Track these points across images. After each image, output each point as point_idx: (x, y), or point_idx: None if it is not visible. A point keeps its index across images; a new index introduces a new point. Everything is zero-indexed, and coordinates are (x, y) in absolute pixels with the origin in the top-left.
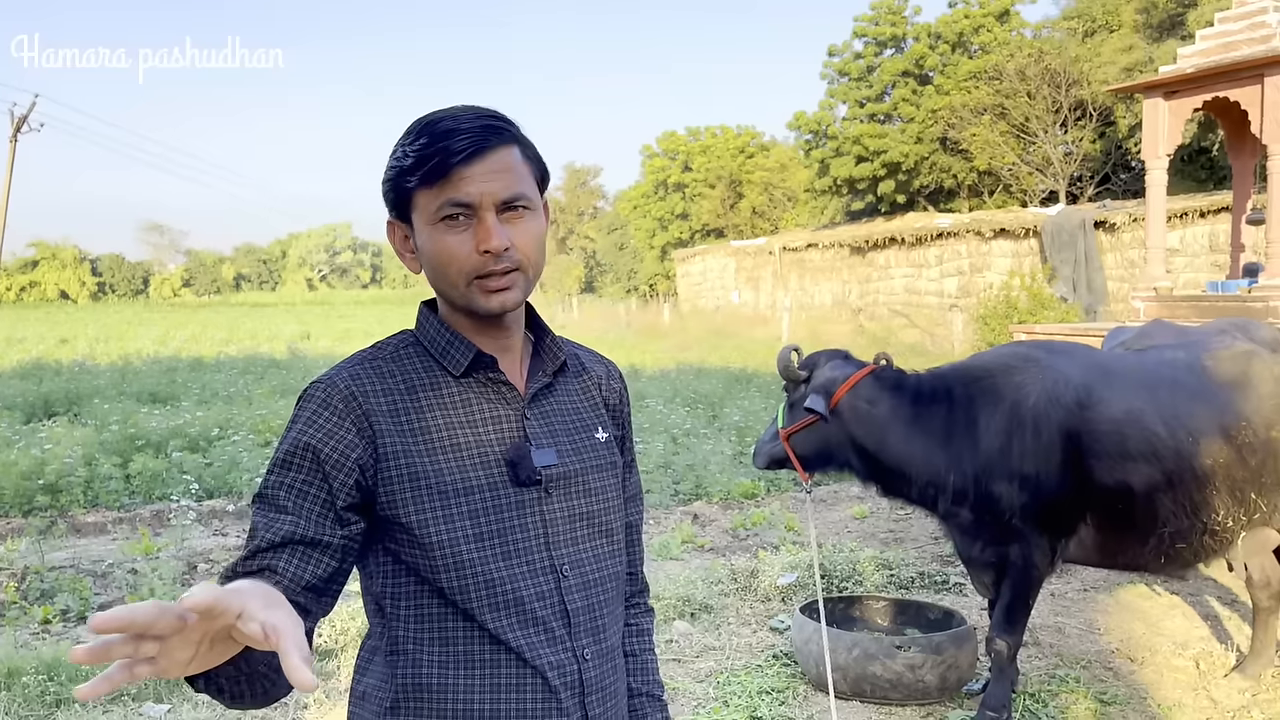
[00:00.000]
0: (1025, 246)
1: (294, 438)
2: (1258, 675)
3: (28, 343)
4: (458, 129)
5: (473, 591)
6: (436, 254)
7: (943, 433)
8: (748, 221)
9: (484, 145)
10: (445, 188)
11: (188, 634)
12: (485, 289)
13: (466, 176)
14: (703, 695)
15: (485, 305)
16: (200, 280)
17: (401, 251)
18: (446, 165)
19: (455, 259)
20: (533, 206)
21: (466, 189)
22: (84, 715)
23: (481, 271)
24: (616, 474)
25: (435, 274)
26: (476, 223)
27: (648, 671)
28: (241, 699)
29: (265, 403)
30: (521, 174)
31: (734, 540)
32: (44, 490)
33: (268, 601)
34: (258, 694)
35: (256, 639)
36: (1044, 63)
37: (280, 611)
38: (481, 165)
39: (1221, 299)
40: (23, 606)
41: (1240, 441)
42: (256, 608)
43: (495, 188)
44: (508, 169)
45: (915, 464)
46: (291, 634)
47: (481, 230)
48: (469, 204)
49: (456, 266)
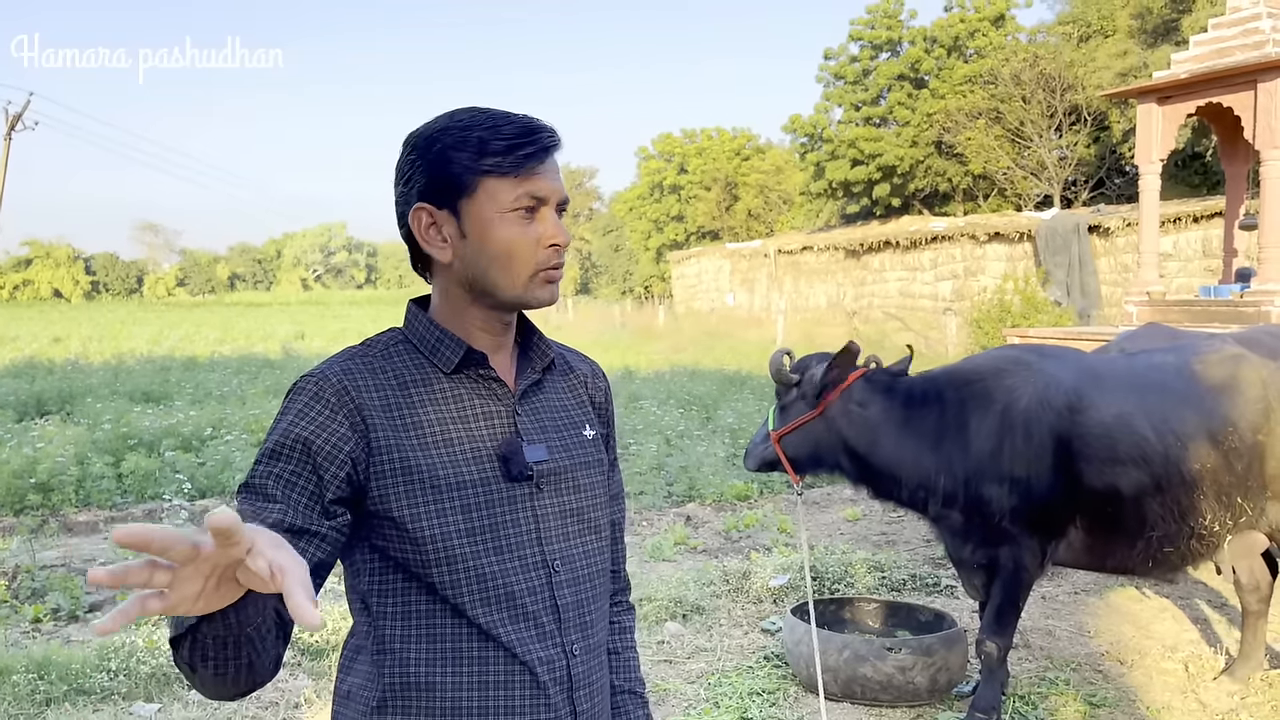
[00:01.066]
0: (1019, 250)
1: (285, 429)
2: (1246, 678)
3: (20, 341)
4: (540, 126)
5: (464, 586)
6: (505, 242)
7: (933, 435)
8: (743, 224)
9: (558, 144)
10: (526, 180)
11: (199, 565)
12: (546, 279)
13: (543, 173)
14: (694, 696)
15: (540, 296)
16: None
17: (427, 239)
18: (528, 159)
19: (524, 249)
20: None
21: (543, 184)
22: (74, 715)
23: (548, 264)
24: (603, 471)
25: (495, 263)
26: (539, 218)
27: (630, 669)
28: (224, 673)
29: (259, 402)
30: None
31: (726, 542)
32: (36, 489)
33: (274, 542)
34: (242, 665)
35: (262, 576)
36: (1039, 67)
37: (285, 552)
38: (552, 164)
39: (1214, 304)
40: (13, 605)
41: (1227, 446)
42: (264, 543)
43: (560, 188)
44: (560, 172)
45: (906, 466)
46: (296, 573)
47: (553, 225)
48: (544, 199)
49: (525, 257)
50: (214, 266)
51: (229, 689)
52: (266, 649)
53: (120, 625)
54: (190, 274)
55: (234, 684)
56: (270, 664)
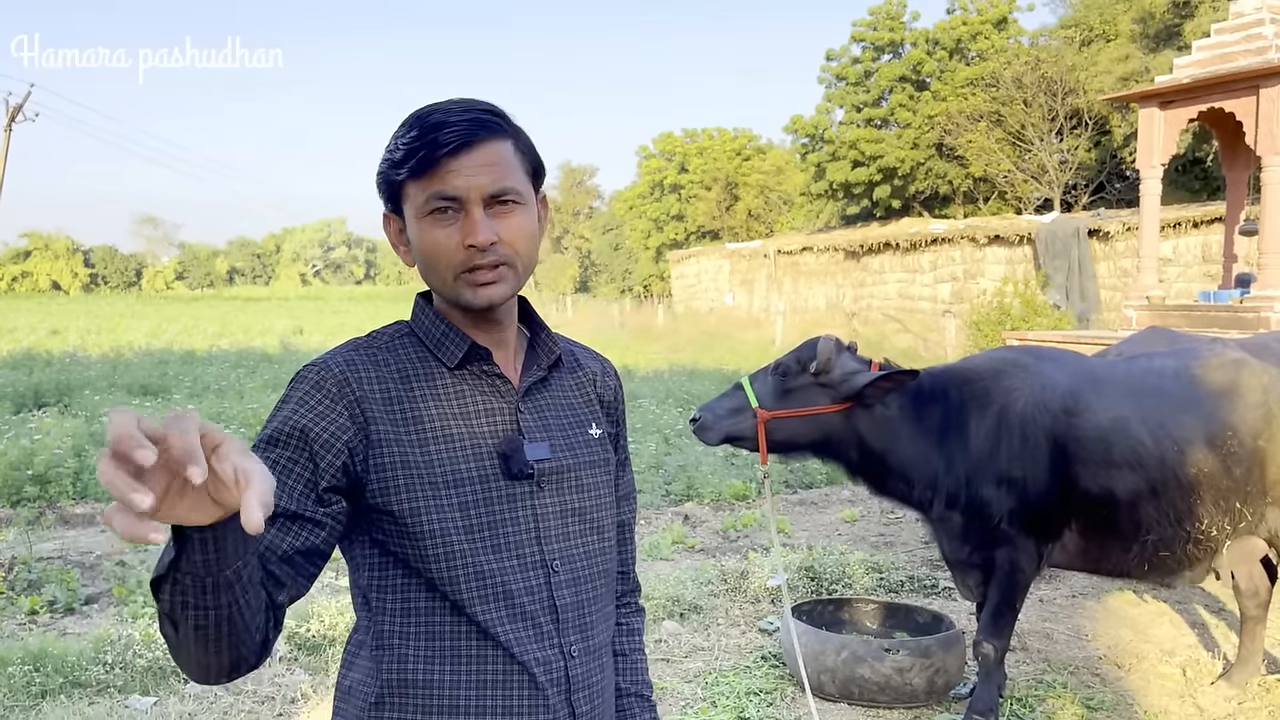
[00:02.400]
0: (1019, 253)
1: (284, 417)
2: (1244, 683)
3: (19, 333)
4: (447, 122)
5: (462, 583)
6: (425, 247)
7: (939, 435)
8: (743, 224)
9: (472, 138)
10: (433, 180)
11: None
12: (472, 283)
13: (454, 169)
14: (691, 695)
15: (471, 299)
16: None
17: (396, 244)
18: (434, 158)
19: (442, 252)
20: (523, 200)
21: (453, 182)
22: (69, 707)
23: (468, 265)
24: (609, 471)
25: (424, 267)
26: (464, 216)
27: (637, 671)
28: (204, 625)
29: (257, 397)
30: (511, 167)
31: (724, 541)
32: (33, 481)
33: (243, 450)
34: (223, 619)
35: (226, 480)
36: (1041, 70)
37: (253, 462)
38: (469, 158)
39: (1214, 309)
40: (9, 597)
41: (1226, 451)
42: (234, 449)
43: (483, 181)
44: (496, 162)
45: (917, 467)
46: (259, 484)
47: (467, 224)
48: (455, 197)
49: (444, 260)
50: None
51: (211, 655)
52: (250, 608)
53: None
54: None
55: (215, 647)
56: (256, 638)
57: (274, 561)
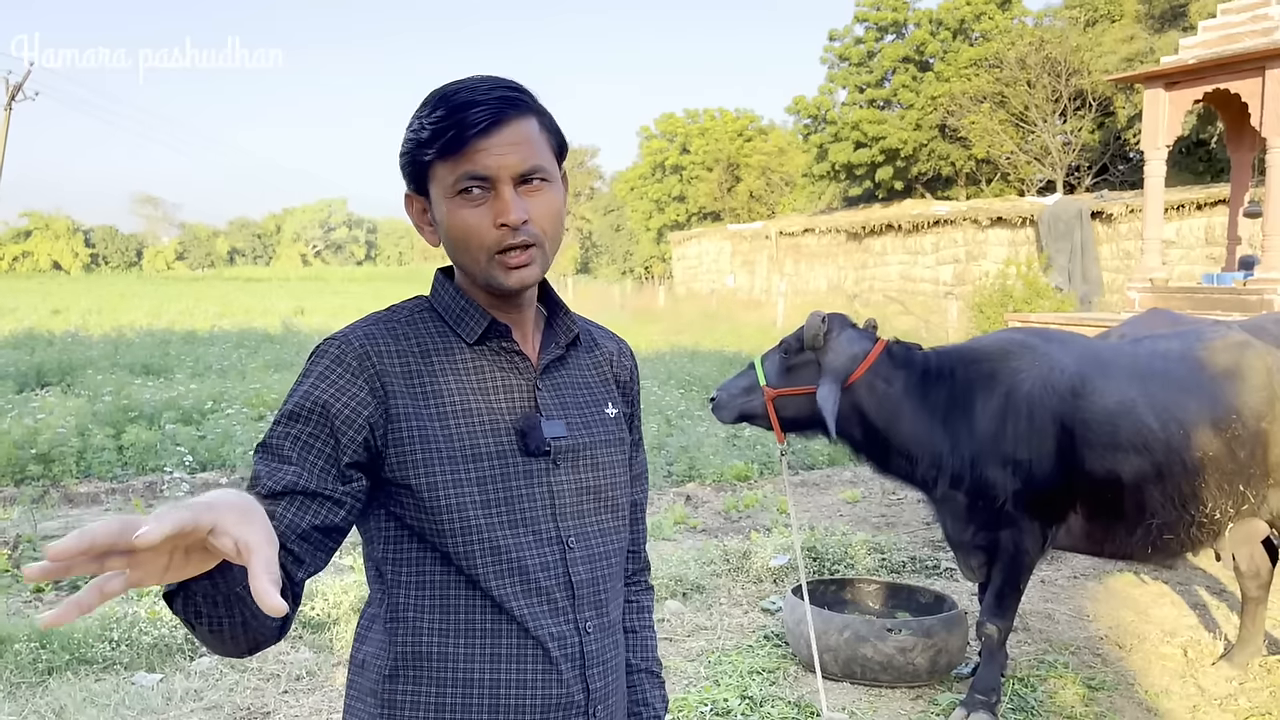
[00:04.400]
0: (1022, 235)
1: (305, 392)
2: (1245, 664)
3: (20, 312)
4: (474, 100)
5: (478, 557)
6: (455, 228)
7: (945, 414)
8: (745, 205)
9: (501, 117)
10: (462, 160)
11: (158, 548)
12: (505, 265)
13: (484, 149)
14: (694, 674)
15: (504, 282)
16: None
17: (420, 225)
18: (463, 137)
19: (474, 233)
20: (550, 179)
21: (484, 161)
22: (76, 684)
23: (501, 246)
24: (624, 450)
25: (455, 248)
26: (494, 196)
27: (647, 649)
28: (220, 630)
29: (259, 377)
30: (539, 146)
31: (726, 522)
32: (36, 460)
33: (243, 516)
34: (237, 624)
35: (229, 554)
36: (1045, 51)
37: (254, 528)
38: (499, 137)
39: (1217, 291)
40: (15, 575)
41: (1230, 434)
42: (230, 523)
43: (513, 160)
44: (525, 141)
45: (921, 444)
46: (263, 552)
47: (499, 203)
48: (486, 177)
49: (476, 241)
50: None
51: (229, 646)
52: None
53: (76, 616)
54: (190, 248)
55: (233, 642)
56: (274, 623)
57: (294, 540)
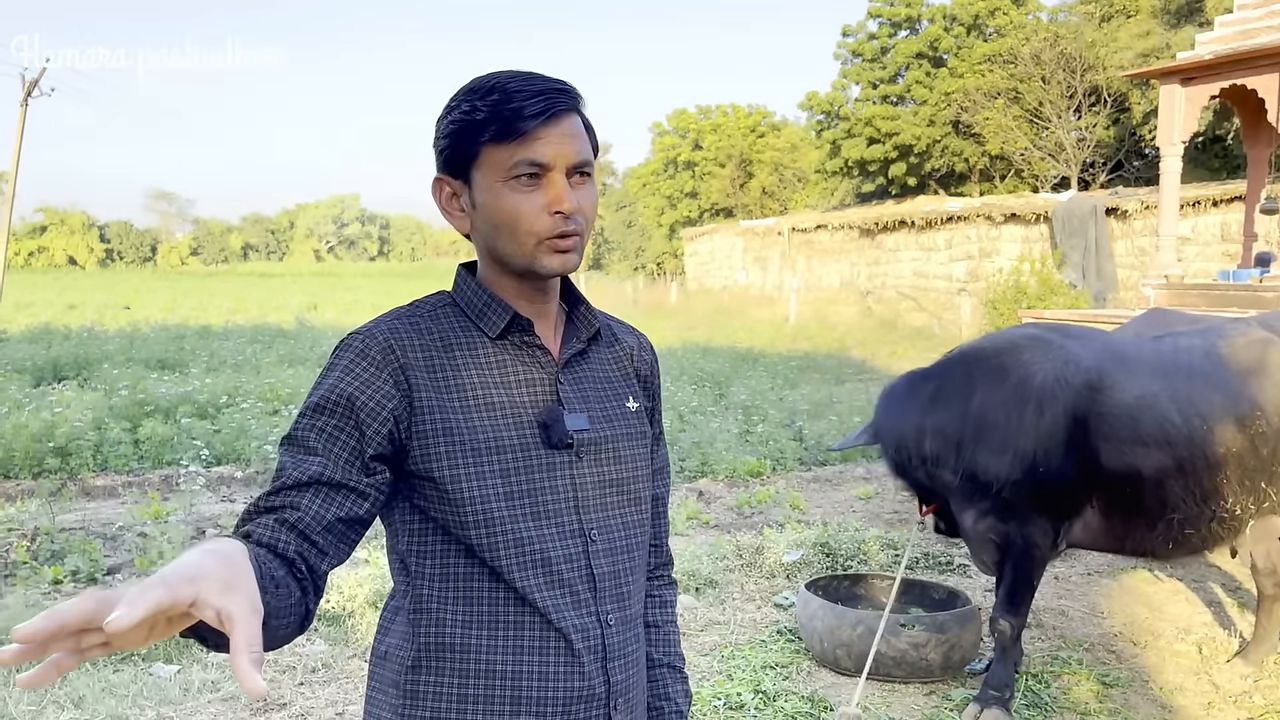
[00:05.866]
0: (1035, 232)
1: (330, 385)
2: (1260, 661)
3: (36, 307)
4: (530, 90)
5: (501, 550)
6: (505, 211)
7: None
8: (757, 201)
9: (559, 107)
10: (520, 146)
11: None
12: (553, 249)
13: (542, 137)
14: (707, 669)
15: (548, 265)
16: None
17: (448, 210)
18: (523, 124)
19: (525, 218)
20: (592, 174)
21: (542, 149)
22: (93, 675)
23: (553, 232)
24: (646, 444)
25: (500, 231)
26: (546, 184)
27: (669, 643)
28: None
29: (273, 371)
30: (585, 140)
31: (739, 517)
32: (54, 453)
33: (226, 586)
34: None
35: (211, 623)
36: (1059, 47)
37: (237, 597)
38: (556, 128)
39: (1232, 288)
40: (33, 566)
41: (1254, 430)
42: (212, 594)
43: (568, 151)
44: (577, 134)
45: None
46: (245, 626)
47: (554, 192)
48: (544, 164)
49: (527, 225)
50: (227, 236)
51: None
52: (277, 611)
53: (56, 678)
54: (204, 243)
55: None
56: (293, 622)
57: (317, 532)
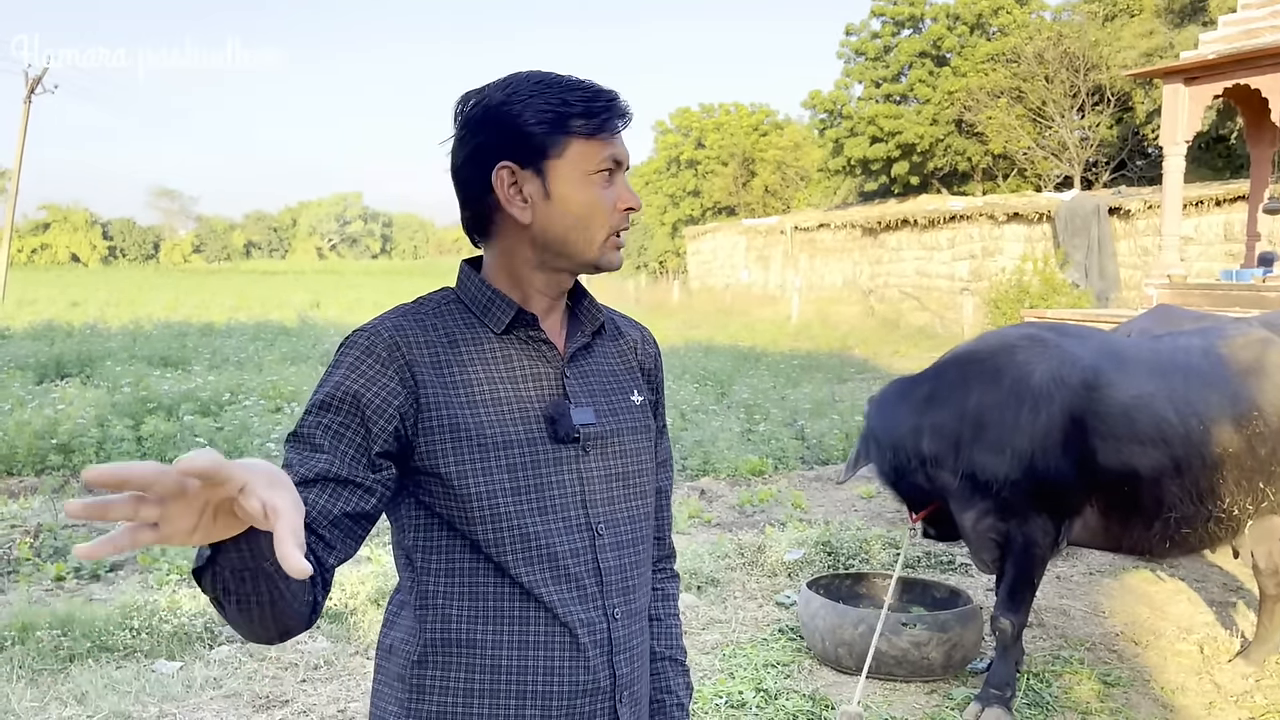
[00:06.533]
0: (1038, 231)
1: (336, 382)
2: (1262, 661)
3: (39, 304)
4: (603, 91)
5: (508, 545)
6: (585, 204)
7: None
8: (760, 200)
9: (628, 114)
10: (609, 144)
11: (189, 500)
12: (616, 245)
13: (620, 138)
14: (709, 667)
15: (612, 260)
16: (210, 246)
17: (509, 198)
18: (613, 122)
19: (603, 212)
20: None
21: (621, 150)
22: (97, 670)
23: (620, 227)
24: (650, 437)
25: (575, 224)
26: (617, 183)
27: (672, 637)
28: (249, 609)
29: (276, 369)
30: None
31: (740, 516)
32: (57, 450)
33: (272, 481)
34: (265, 603)
35: (256, 516)
36: (1063, 46)
37: (283, 492)
38: (625, 132)
39: (1235, 288)
40: (36, 563)
41: (1251, 430)
42: (260, 484)
43: (628, 154)
44: None
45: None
46: (289, 517)
47: (624, 191)
48: (622, 164)
49: (602, 219)
50: (230, 234)
51: (258, 629)
52: (292, 589)
53: (106, 553)
54: (206, 241)
55: (261, 624)
56: (303, 608)
57: (324, 526)
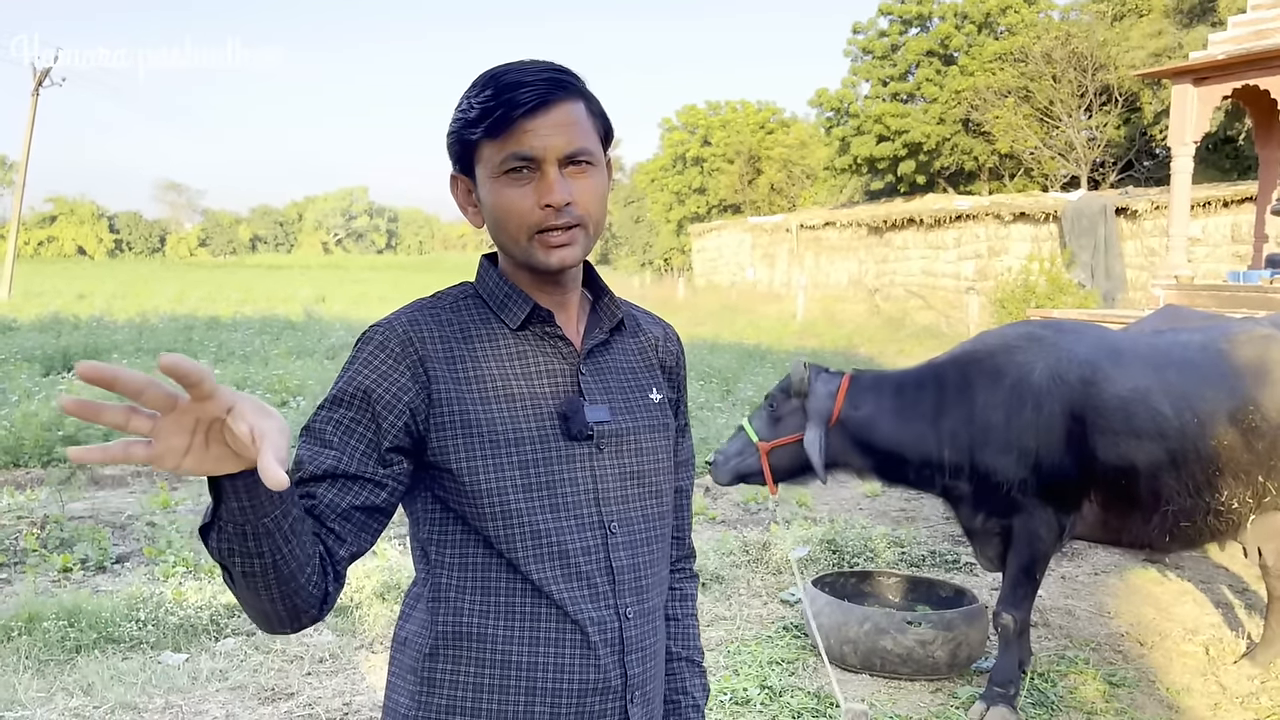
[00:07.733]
0: (1044, 231)
1: (348, 377)
2: (1267, 663)
3: (46, 297)
4: (523, 81)
5: (519, 541)
6: (498, 207)
7: (933, 413)
8: (765, 198)
9: (549, 98)
10: (508, 140)
11: (181, 416)
12: (546, 244)
13: (530, 129)
14: (713, 664)
15: (545, 261)
16: (216, 240)
17: (464, 205)
18: (510, 117)
19: (516, 212)
20: (595, 162)
21: (530, 142)
22: (103, 662)
23: (543, 226)
24: (668, 436)
25: (496, 227)
26: (539, 177)
27: (689, 637)
28: (254, 575)
29: (281, 363)
30: (585, 129)
31: (745, 514)
32: (63, 441)
33: (259, 408)
34: (268, 566)
35: (244, 438)
36: (1071, 46)
37: (270, 421)
38: (545, 119)
39: (1242, 289)
40: (43, 554)
41: (1248, 424)
42: (248, 409)
43: (558, 142)
44: (572, 123)
45: (909, 447)
46: (273, 438)
47: (543, 184)
48: (532, 157)
49: (517, 220)
50: (236, 228)
51: (266, 604)
52: (295, 558)
53: (97, 459)
54: (212, 234)
55: (269, 595)
56: (313, 591)
57: (333, 519)
